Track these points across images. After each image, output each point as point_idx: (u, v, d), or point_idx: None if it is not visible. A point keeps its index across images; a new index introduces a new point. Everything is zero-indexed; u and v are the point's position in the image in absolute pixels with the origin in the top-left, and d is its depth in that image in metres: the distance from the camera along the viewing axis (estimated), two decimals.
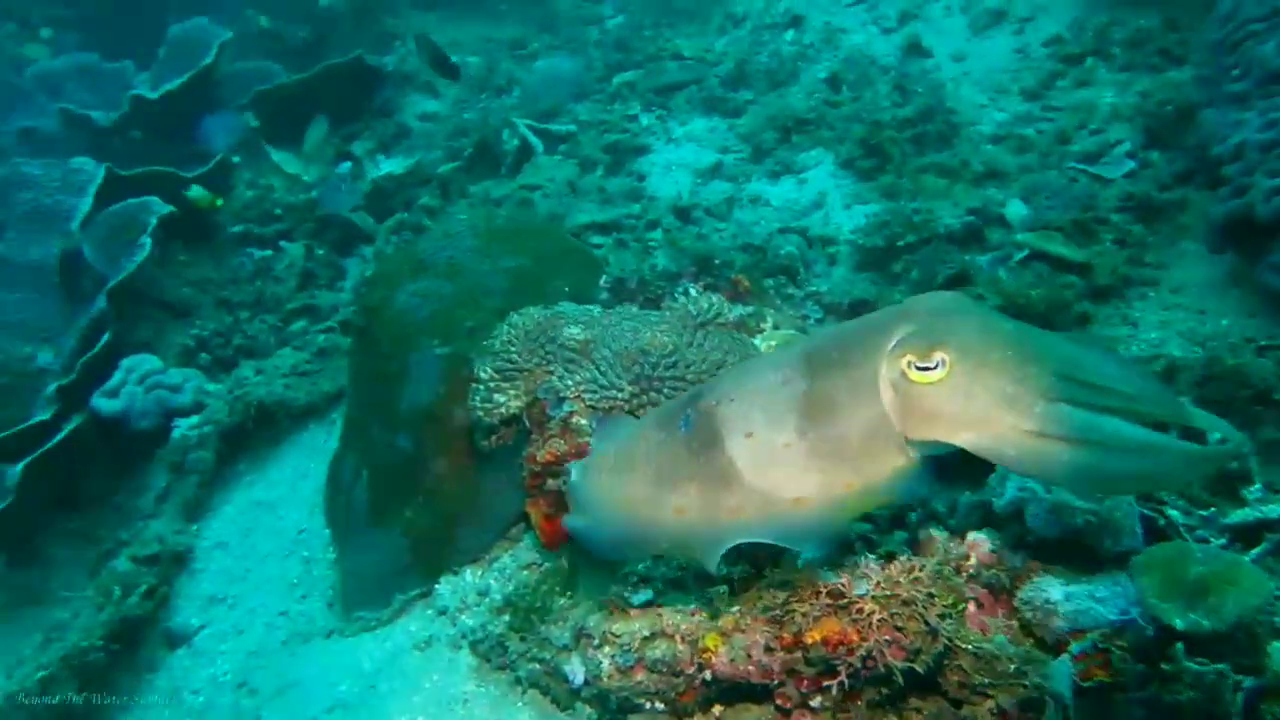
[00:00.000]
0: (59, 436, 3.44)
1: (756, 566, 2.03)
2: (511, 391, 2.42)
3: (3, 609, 3.54)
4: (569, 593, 2.42)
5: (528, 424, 2.43)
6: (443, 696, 2.42)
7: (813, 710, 1.88)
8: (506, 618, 2.46)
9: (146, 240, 3.84)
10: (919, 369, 1.59)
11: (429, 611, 2.71)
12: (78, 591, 3.28)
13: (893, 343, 1.63)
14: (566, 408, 2.33)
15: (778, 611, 1.87)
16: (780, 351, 1.89)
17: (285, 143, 5.58)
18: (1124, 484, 1.66)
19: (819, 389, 1.72)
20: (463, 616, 2.61)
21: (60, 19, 7.25)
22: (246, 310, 4.03)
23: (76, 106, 5.01)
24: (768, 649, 1.88)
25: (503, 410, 2.42)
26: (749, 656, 1.90)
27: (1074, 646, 1.73)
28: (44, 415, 3.57)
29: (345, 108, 5.80)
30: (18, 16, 7.18)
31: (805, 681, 1.86)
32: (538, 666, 2.33)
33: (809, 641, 1.81)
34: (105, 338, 3.71)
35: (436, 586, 2.73)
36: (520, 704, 2.34)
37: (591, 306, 2.79)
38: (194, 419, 3.49)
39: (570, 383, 2.33)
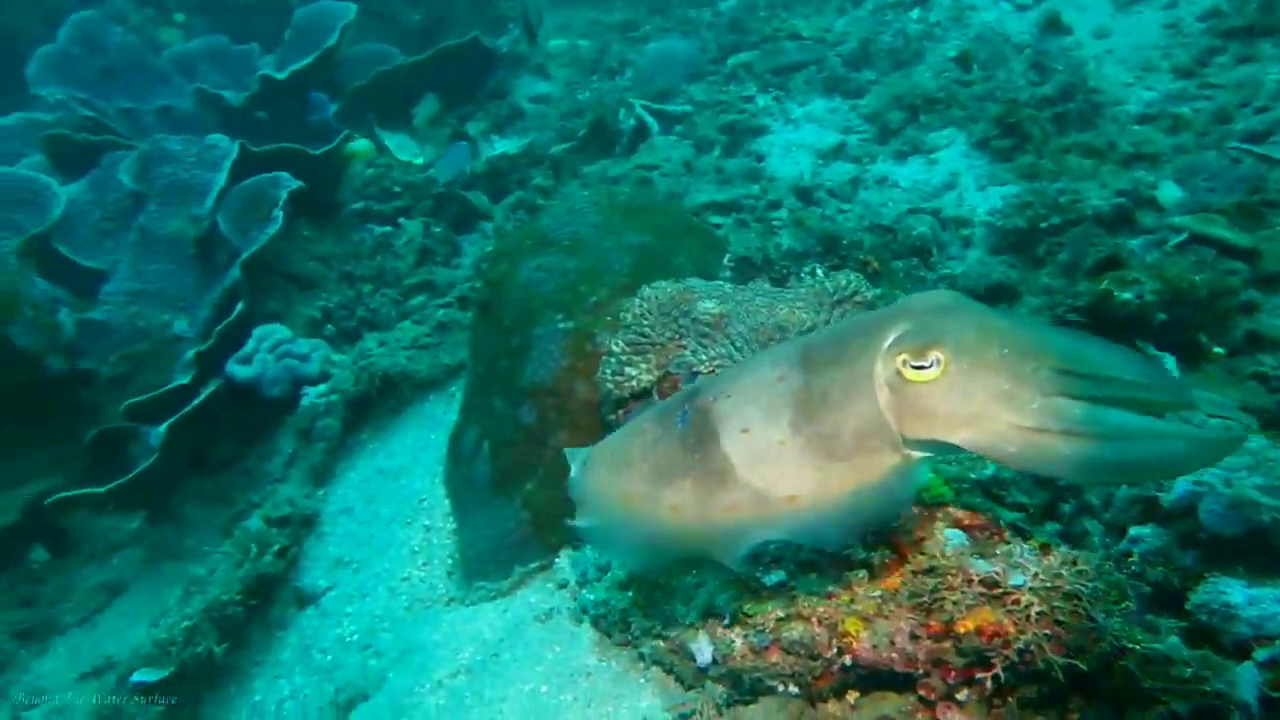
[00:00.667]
0: (198, 399, 3.59)
1: (898, 551, 1.95)
2: (643, 365, 2.39)
3: (144, 563, 3.73)
4: (694, 570, 2.38)
5: (657, 399, 2.40)
6: (565, 669, 2.41)
7: (959, 703, 1.79)
8: (629, 593, 2.44)
9: (278, 214, 3.97)
10: (914, 367, 1.59)
11: (549, 584, 2.71)
12: (214, 548, 3.42)
13: (888, 341, 1.62)
14: None
15: (925, 599, 1.79)
16: (779, 347, 1.91)
17: (399, 124, 5.71)
18: (1130, 473, 1.62)
19: (814, 386, 1.71)
20: (584, 591, 2.60)
21: (190, 3, 7.59)
22: (369, 284, 4.12)
23: (210, 87, 5.20)
24: (913, 636, 1.80)
25: (634, 383, 2.39)
26: (892, 643, 1.82)
27: (1260, 653, 1.60)
28: (183, 379, 3.73)
29: (459, 89, 5.90)
30: (154, 1, 7.54)
31: (953, 673, 1.77)
32: (661, 644, 2.30)
33: (960, 631, 1.72)
34: (239, 307, 3.85)
35: (556, 560, 2.73)
36: (643, 680, 2.32)
37: (721, 282, 2.74)
38: (321, 387, 3.59)
39: (704, 357, 2.29)
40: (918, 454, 1.64)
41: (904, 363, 1.60)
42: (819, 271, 2.78)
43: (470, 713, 2.40)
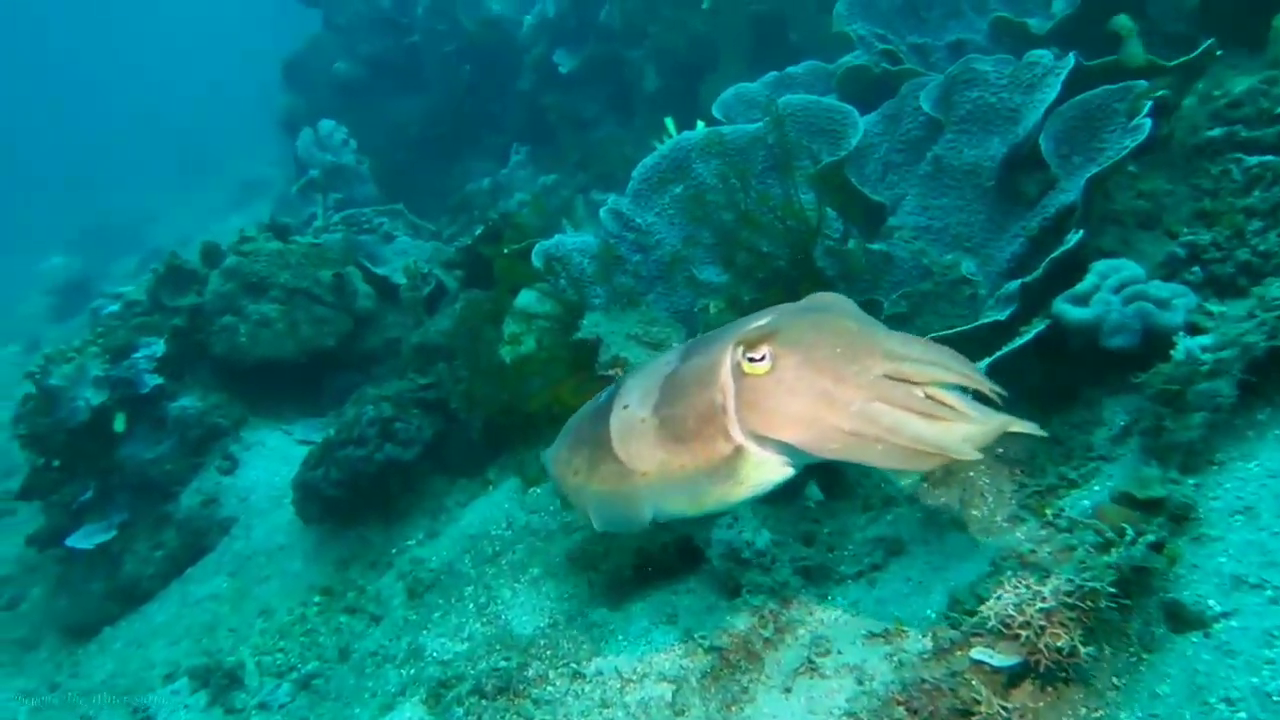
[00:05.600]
0: (1023, 338, 2.90)
1: None
2: None
3: (923, 524, 3.20)
4: None
5: None
6: None
7: None
8: None
9: (1145, 122, 3.10)
10: (749, 359, 1.74)
11: None
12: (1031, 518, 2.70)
13: (740, 333, 1.79)
14: None
15: None
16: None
17: None
18: (922, 465, 1.66)
19: (680, 371, 1.91)
20: None
21: None
22: (1259, 220, 3.01)
23: (1012, 15, 4.59)
24: None
25: None
26: None
27: None
28: (998, 315, 3.09)
29: None
30: None
31: None
32: None
33: None
34: (1075, 235, 3.07)
35: None
36: None
37: None
38: (1206, 339, 2.60)
39: None
40: (758, 448, 1.78)
41: (742, 354, 1.75)
42: None
43: None
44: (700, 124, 4.89)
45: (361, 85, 12.52)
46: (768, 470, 1.83)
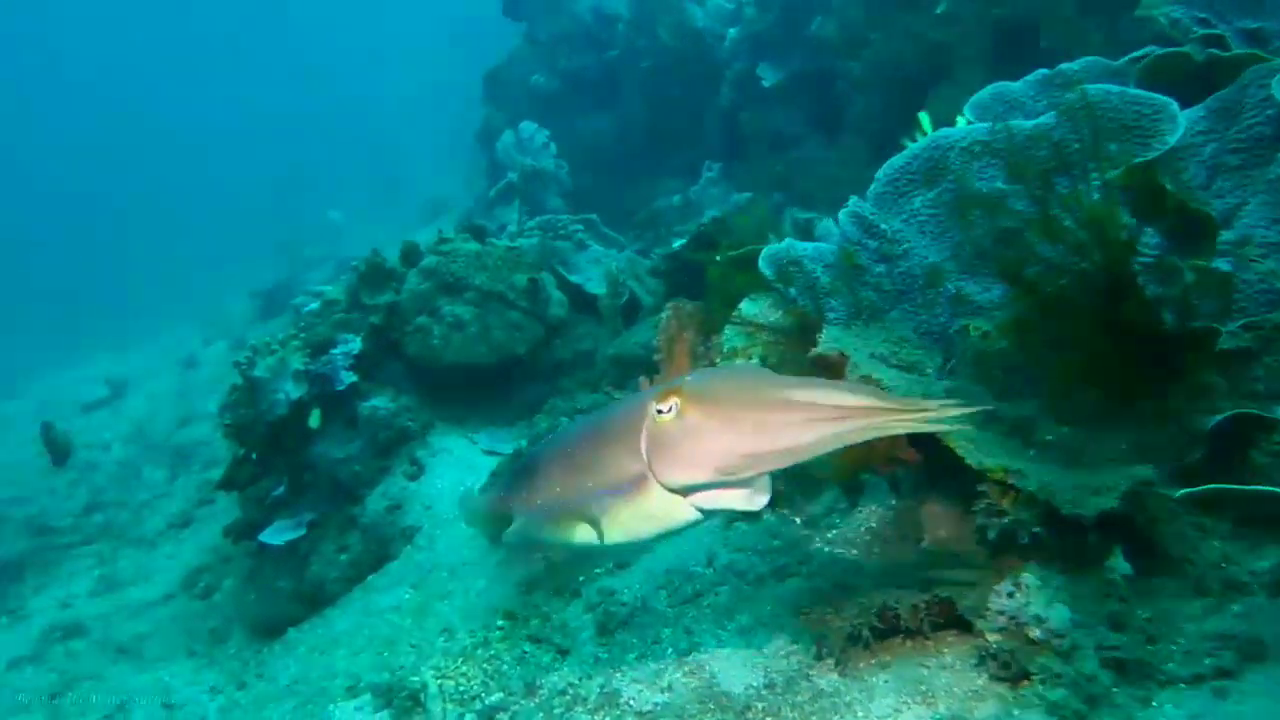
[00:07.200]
0: None
1: None
2: None
3: None
4: None
5: None
6: None
7: None
8: None
9: None
10: (658, 411, 2.15)
11: None
12: None
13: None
14: None
15: None
16: None
17: None
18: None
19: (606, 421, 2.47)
20: None
21: None
22: None
23: None
24: None
25: None
26: None
27: None
28: None
29: None
30: None
31: None
32: None
33: None
34: None
35: None
36: None
37: None
38: None
39: None
40: (675, 495, 2.22)
41: (654, 407, 2.15)
42: None
43: None
44: (961, 119, 4.27)
45: (556, 99, 12.56)
46: (676, 507, 2.24)
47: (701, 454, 2.07)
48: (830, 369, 3.53)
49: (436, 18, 33.82)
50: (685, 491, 2.17)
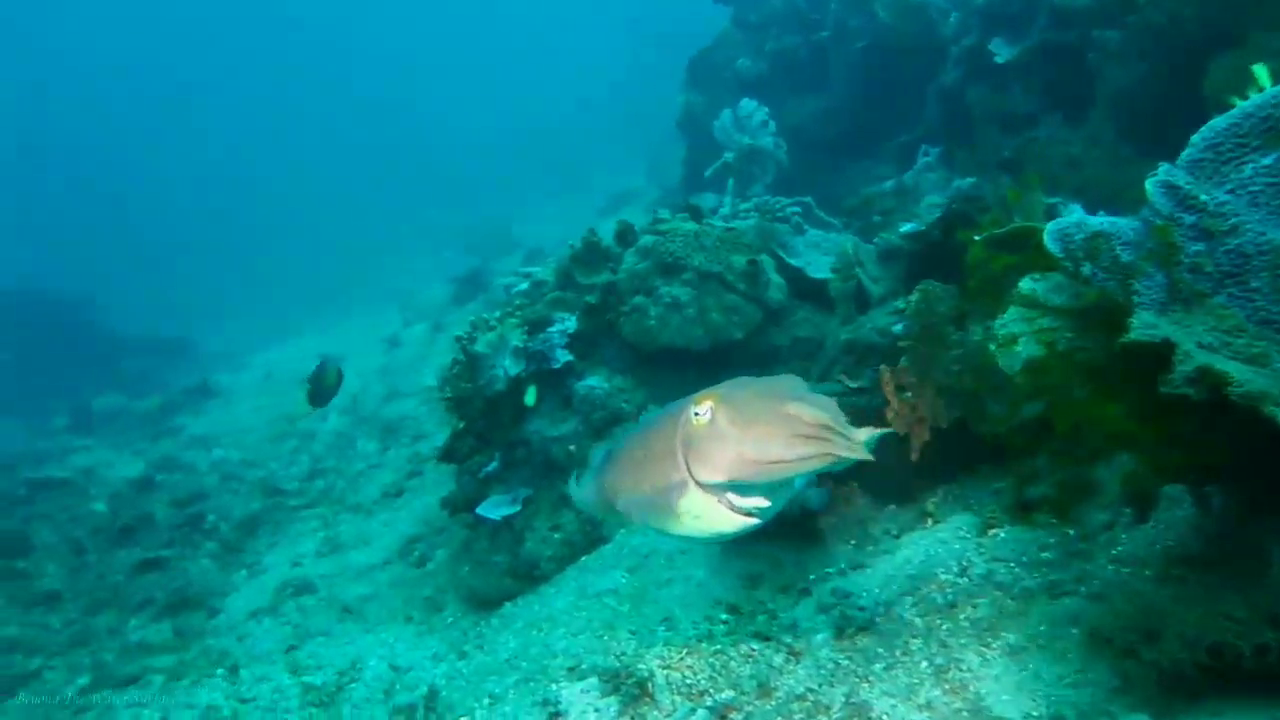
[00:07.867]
0: None
1: None
2: None
3: None
4: None
5: None
6: None
7: None
8: None
9: None
10: (695, 414, 2.43)
11: None
12: None
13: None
14: None
15: None
16: None
17: None
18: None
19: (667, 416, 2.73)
20: None
21: None
22: None
23: None
24: None
25: None
26: None
27: None
28: None
29: None
30: None
31: None
32: None
33: None
34: None
35: None
36: None
37: None
38: None
39: None
40: (706, 495, 2.51)
41: (693, 411, 2.43)
42: None
43: None
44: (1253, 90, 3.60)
45: (762, 83, 12.21)
46: (711, 507, 2.53)
47: (720, 457, 2.34)
48: (1142, 358, 3.03)
49: (610, 17, 34.25)
50: (717, 491, 2.45)
